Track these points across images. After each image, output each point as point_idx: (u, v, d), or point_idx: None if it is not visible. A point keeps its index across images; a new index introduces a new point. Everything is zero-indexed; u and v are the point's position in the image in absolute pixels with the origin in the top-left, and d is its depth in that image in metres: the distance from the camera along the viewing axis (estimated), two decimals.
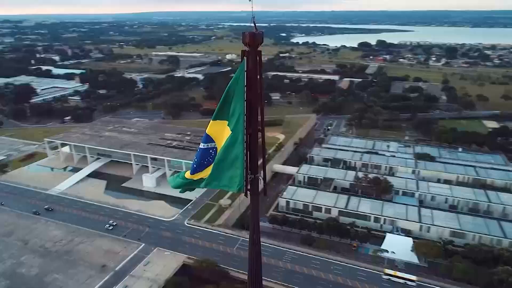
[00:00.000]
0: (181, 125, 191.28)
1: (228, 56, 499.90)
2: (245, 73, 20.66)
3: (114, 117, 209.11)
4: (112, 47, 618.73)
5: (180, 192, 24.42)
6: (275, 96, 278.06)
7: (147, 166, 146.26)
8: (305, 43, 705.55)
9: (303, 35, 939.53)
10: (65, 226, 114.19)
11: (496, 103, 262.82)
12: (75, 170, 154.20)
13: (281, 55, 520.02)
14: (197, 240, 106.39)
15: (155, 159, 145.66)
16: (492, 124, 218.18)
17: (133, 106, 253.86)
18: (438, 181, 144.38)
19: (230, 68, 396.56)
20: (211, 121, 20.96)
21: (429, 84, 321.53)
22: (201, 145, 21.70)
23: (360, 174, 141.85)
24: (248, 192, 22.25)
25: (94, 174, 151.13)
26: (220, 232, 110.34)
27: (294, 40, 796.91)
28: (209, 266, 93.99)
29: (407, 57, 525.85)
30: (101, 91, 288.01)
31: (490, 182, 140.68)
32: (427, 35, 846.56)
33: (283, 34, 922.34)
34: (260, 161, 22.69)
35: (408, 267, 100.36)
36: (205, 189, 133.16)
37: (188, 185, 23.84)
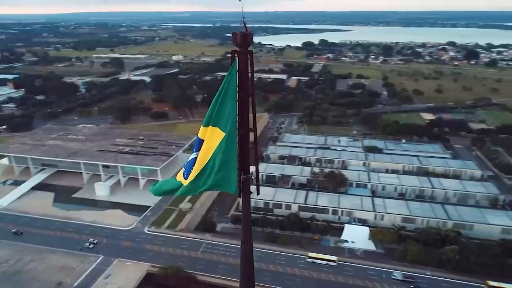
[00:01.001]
0: (132, 130, 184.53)
1: (175, 57, 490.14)
2: (237, 73, 20.76)
3: (56, 125, 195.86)
4: (47, 49, 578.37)
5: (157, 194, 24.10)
6: None
7: (99, 174, 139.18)
8: (251, 43, 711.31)
9: None
10: (10, 244, 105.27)
11: (431, 97, 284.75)
12: (17, 183, 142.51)
13: (228, 55, 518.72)
14: (160, 247, 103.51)
15: (107, 166, 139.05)
16: (428, 116, 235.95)
17: (76, 112, 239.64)
18: (387, 171, 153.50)
19: (177, 69, 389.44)
20: (202, 127, 20.85)
21: (371, 81, 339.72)
22: (194, 155, 21.67)
23: (316, 170, 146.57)
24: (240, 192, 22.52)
25: (40, 187, 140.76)
26: (183, 237, 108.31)
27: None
28: (175, 272, 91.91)
29: (348, 55, 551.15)
30: (39, 97, 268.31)
31: (432, 169, 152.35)
32: (365, 34, 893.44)
33: (228, 34, 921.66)
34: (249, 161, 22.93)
35: (366, 254, 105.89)
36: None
37: (179, 191, 23.47)
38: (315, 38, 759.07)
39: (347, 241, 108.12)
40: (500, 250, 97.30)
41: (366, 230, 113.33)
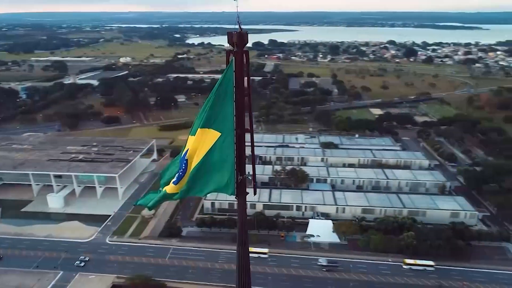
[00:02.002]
0: (84, 136, 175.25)
1: (122, 60, 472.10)
2: (234, 73, 20.71)
3: None
4: None
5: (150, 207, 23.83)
6: (180, 98, 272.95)
7: (51, 185, 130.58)
8: (201, 44, 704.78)
9: (198, 35, 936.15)
10: None
11: (378, 93, 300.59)
12: None
13: (179, 56, 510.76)
14: (124, 257, 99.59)
15: (59, 176, 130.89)
16: (377, 111, 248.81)
17: (18, 119, 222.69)
18: (344, 166, 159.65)
19: (126, 72, 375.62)
20: (198, 129, 20.60)
21: (321, 79, 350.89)
22: (180, 158, 21.47)
23: (278, 168, 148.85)
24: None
25: None
26: (148, 244, 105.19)
27: (189, 41, 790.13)
28: (143, 281, 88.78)
29: (297, 54, 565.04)
30: None
31: (385, 161, 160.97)
32: (311, 34, 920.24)
33: (177, 35, 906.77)
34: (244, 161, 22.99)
35: (331, 247, 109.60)
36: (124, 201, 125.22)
37: (168, 198, 23.29)
38: (264, 38, 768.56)
39: (313, 236, 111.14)
40: (451, 233, 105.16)
41: (329, 223, 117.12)
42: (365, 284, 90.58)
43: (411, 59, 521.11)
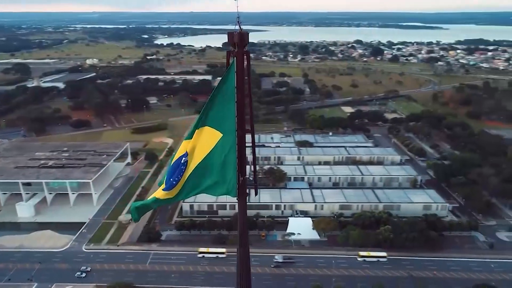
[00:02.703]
0: (52, 142, 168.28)
1: (89, 61, 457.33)
2: (235, 73, 20.62)
3: None
4: None
5: (136, 220, 22.49)
6: (152, 100, 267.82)
7: (19, 194, 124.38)
8: (170, 45, 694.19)
9: (166, 36, 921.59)
10: None
11: (348, 91, 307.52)
12: None
13: (148, 57, 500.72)
14: (103, 265, 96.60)
15: (28, 184, 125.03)
16: (348, 109, 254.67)
17: None
18: (319, 163, 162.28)
19: (94, 74, 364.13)
20: (197, 129, 20.31)
21: (293, 79, 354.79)
22: (179, 158, 20.98)
23: (257, 168, 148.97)
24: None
25: None
26: (127, 250, 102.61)
27: (157, 42, 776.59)
28: None
29: (268, 54, 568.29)
30: None
31: (359, 158, 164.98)
32: (281, 34, 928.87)
33: (145, 36, 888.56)
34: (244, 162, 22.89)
35: (312, 244, 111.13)
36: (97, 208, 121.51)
37: (160, 204, 22.23)
38: None
39: (293, 234, 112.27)
40: (425, 224, 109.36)
41: (309, 221, 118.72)
42: (325, 277, 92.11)
43: (378, 58, 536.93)
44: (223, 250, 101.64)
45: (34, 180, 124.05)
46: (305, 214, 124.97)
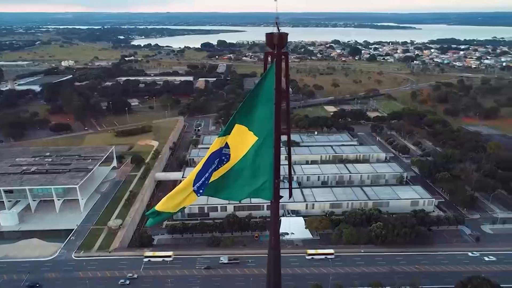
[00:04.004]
0: (33, 147, 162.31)
1: (64, 63, 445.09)
2: (274, 75, 20.15)
3: None
4: None
5: (149, 224, 21.58)
6: (134, 102, 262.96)
7: (1, 202, 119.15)
8: (148, 46, 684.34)
9: (143, 37, 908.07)
10: None
11: (329, 90, 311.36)
12: None
13: (126, 58, 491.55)
14: (95, 272, 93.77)
15: (10, 191, 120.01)
16: (331, 108, 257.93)
17: None
18: (307, 163, 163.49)
19: (70, 76, 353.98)
20: (236, 125, 19.69)
21: None
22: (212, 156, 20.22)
23: None
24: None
25: None
26: (119, 256, 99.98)
27: (134, 43, 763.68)
28: None
29: (248, 55, 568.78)
30: None
31: (345, 156, 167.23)
32: (259, 34, 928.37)
33: (121, 37, 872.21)
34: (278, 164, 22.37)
35: (305, 243, 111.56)
36: (83, 214, 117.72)
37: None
38: (212, 39, 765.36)
39: (287, 234, 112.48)
40: (415, 220, 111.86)
41: (301, 220, 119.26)
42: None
43: (356, 58, 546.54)
44: (170, 253, 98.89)
45: (17, 187, 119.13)
46: (296, 213, 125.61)
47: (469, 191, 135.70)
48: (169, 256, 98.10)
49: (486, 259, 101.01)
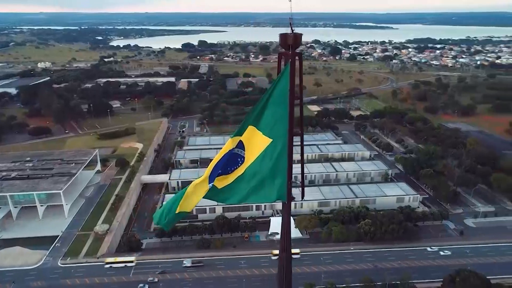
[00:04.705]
0: (12, 152, 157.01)
1: (41, 65, 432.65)
2: (289, 77, 20.01)
3: None
4: None
5: (166, 227, 20.98)
6: (115, 104, 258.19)
7: None
8: (127, 46, 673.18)
9: (122, 37, 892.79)
10: None
11: (312, 90, 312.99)
12: None
13: (105, 60, 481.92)
14: (83, 279, 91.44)
15: None
16: (315, 108, 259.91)
17: None
18: (294, 162, 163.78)
19: (48, 78, 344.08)
20: (249, 126, 19.55)
21: (258, 79, 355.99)
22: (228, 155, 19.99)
23: None
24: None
25: None
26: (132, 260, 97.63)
27: (113, 44, 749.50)
28: None
29: (230, 55, 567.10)
30: None
31: (331, 155, 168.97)
32: (240, 34, 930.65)
33: (99, 38, 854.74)
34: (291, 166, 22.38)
35: (295, 242, 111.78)
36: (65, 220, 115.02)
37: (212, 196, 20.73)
38: (193, 39, 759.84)
39: (277, 233, 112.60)
40: (402, 217, 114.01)
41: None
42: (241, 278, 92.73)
43: (337, 57, 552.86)
44: (132, 258, 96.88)
45: None
46: None
47: (451, 186, 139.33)
48: (131, 261, 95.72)
49: (470, 252, 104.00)
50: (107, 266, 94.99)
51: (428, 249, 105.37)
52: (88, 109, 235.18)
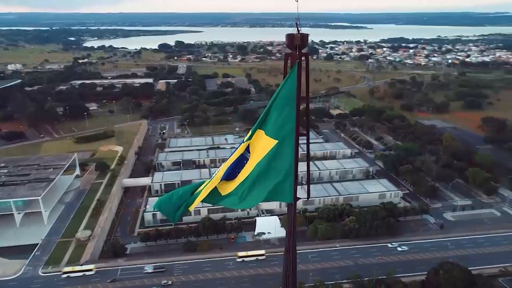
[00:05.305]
0: None
1: (11, 67, 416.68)
2: (296, 77, 20.18)
3: None
4: None
5: (174, 221, 21.13)
6: (92, 106, 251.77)
7: None
8: (102, 47, 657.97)
9: (96, 38, 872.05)
10: None
11: None
12: None
13: (79, 61, 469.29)
14: None
15: None
16: None
17: None
18: None
19: (19, 80, 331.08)
20: (257, 130, 19.71)
21: (237, 79, 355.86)
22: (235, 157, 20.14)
23: (215, 170, 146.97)
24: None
25: None
26: (99, 268, 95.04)
27: (87, 45, 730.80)
28: None
29: (208, 55, 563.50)
30: None
31: (313, 154, 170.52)
32: (217, 35, 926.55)
33: (72, 38, 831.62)
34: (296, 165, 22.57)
35: (281, 241, 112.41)
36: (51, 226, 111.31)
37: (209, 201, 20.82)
38: (170, 40, 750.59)
39: (264, 233, 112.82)
40: (385, 212, 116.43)
41: (276, 219, 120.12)
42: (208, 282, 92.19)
43: (314, 57, 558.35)
44: (91, 267, 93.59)
45: None
46: (271, 212, 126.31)
47: (430, 182, 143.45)
48: (90, 270, 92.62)
49: (450, 244, 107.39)
50: (64, 276, 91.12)
51: (389, 245, 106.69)
52: (64, 112, 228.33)
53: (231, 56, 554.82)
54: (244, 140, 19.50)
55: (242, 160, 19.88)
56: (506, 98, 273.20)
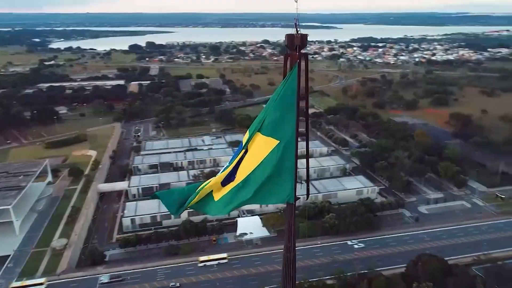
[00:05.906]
0: None
1: None
2: (297, 78, 20.31)
3: None
4: None
5: (176, 214, 21.01)
6: (61, 110, 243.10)
7: None
8: (69, 49, 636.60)
9: (62, 39, 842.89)
10: None
11: (267, 90, 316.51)
12: None
13: (46, 63, 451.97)
14: None
15: None
16: None
17: None
18: None
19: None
20: (257, 133, 19.80)
21: (211, 80, 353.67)
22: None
23: (194, 172, 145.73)
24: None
25: None
26: (70, 278, 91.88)
27: (53, 46, 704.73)
28: None
29: (180, 56, 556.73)
30: None
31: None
32: (188, 35, 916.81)
33: (37, 40, 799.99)
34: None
35: (263, 241, 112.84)
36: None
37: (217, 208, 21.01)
38: (140, 41, 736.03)
39: (246, 234, 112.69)
40: (363, 208, 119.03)
41: (257, 219, 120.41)
42: None
43: None
44: (42, 280, 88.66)
45: None
46: (251, 213, 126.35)
47: (404, 176, 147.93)
48: (41, 284, 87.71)
49: (426, 236, 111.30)
50: None
51: (348, 242, 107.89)
52: (32, 117, 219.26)
53: (204, 56, 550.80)
54: (243, 145, 19.45)
55: (238, 163, 19.75)
56: (469, 95, 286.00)
